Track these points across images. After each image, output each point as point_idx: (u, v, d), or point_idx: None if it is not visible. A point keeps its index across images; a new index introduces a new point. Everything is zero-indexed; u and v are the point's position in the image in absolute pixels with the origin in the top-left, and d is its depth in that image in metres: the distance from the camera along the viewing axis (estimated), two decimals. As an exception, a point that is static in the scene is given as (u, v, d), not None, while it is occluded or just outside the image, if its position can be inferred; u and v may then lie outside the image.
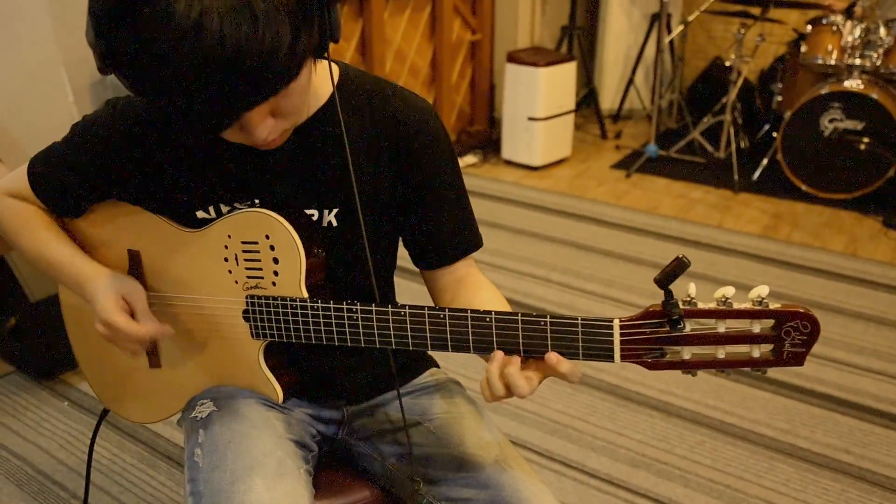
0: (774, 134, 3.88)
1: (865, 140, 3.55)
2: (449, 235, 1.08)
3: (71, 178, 1.04)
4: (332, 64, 0.96)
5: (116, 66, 0.77)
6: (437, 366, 1.24)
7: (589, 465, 1.97)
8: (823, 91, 3.60)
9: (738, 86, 3.92)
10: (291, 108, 0.87)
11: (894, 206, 3.54)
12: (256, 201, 1.01)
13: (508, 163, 4.25)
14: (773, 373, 2.36)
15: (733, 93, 3.90)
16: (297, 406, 1.11)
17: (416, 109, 1.03)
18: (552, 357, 0.86)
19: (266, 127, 0.85)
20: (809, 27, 3.81)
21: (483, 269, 1.12)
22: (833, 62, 3.68)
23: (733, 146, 3.95)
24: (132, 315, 1.01)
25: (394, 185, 1.03)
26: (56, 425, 2.08)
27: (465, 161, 4.26)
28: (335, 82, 0.96)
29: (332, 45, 0.87)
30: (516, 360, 0.88)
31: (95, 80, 3.49)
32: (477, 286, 1.08)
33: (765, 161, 3.93)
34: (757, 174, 3.93)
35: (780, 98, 4.16)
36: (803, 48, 3.81)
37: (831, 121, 3.61)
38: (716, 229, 3.43)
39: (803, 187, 3.74)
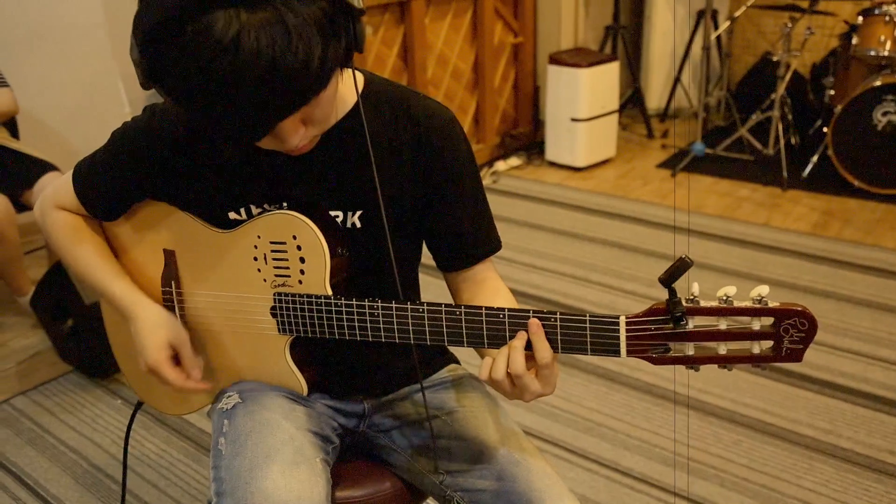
0: (825, 129, 3.79)
1: (921, 133, 3.44)
2: (468, 238, 1.12)
3: (112, 184, 1.11)
4: (357, 73, 1.01)
5: (159, 81, 0.83)
6: (458, 362, 1.27)
7: (623, 463, 1.97)
8: (877, 83, 3.50)
9: (787, 81, 3.84)
10: (321, 116, 0.92)
11: (952, 202, 3.42)
12: (285, 204, 1.06)
13: (552, 164, 4.25)
14: (816, 372, 2.32)
15: (781, 88, 3.82)
16: (320, 399, 1.16)
17: (436, 116, 1.07)
18: (533, 323, 0.91)
19: (297, 134, 0.91)
20: (861, 18, 3.71)
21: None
22: (886, 53, 3.58)
23: (782, 142, 3.87)
24: (176, 356, 1.11)
25: (415, 188, 1.07)
26: (109, 422, 2.19)
27: (509, 163, 4.28)
28: (359, 90, 1.01)
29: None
30: (523, 335, 0.92)
31: (151, 92, 3.63)
32: (494, 290, 1.13)
33: (815, 157, 3.85)
34: (807, 171, 3.84)
35: (832, 92, 4.05)
36: (855, 40, 3.71)
37: (885, 114, 3.51)
38: (762, 227, 3.37)
39: (855, 183, 3.65)
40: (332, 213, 1.07)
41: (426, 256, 1.19)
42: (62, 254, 1.17)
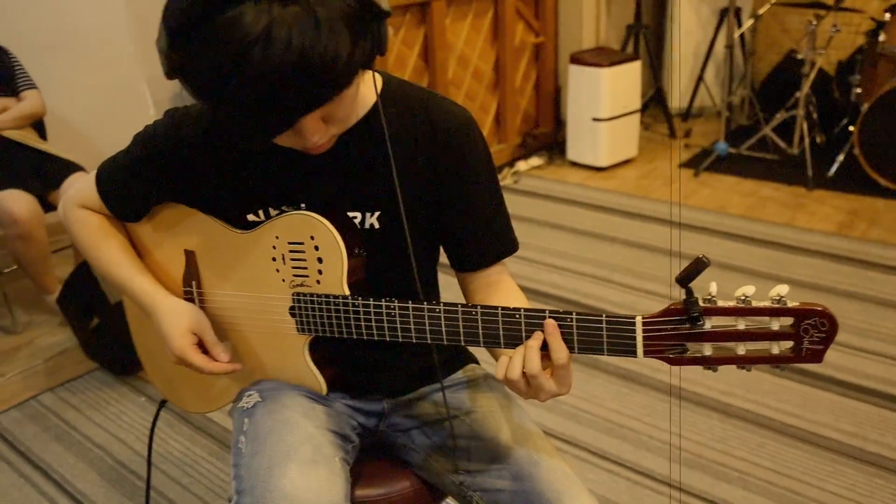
0: (851, 128, 3.74)
1: (950, 132, 3.38)
2: (484, 240, 1.12)
3: (133, 185, 1.13)
4: (376, 74, 1.02)
5: (185, 71, 0.84)
6: (477, 362, 1.28)
7: (644, 465, 1.96)
8: (904, 82, 3.45)
9: (811, 79, 3.79)
10: (342, 115, 0.93)
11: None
12: (303, 205, 1.07)
13: (574, 164, 4.24)
14: (841, 374, 2.29)
15: (806, 86, 3.78)
16: (339, 399, 1.17)
17: (454, 117, 1.08)
18: (549, 323, 0.91)
19: (318, 132, 0.92)
20: (888, 15, 3.65)
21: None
22: (914, 51, 3.52)
23: (807, 141, 3.82)
24: (201, 343, 1.11)
25: (432, 189, 1.08)
26: (134, 419, 2.22)
27: (530, 163, 4.27)
28: (378, 91, 1.02)
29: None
30: (539, 335, 0.92)
31: (175, 94, 3.68)
32: (507, 292, 1.12)
33: (841, 156, 3.79)
34: (833, 170, 3.79)
35: (858, 90, 3.99)
36: (882, 37, 3.66)
37: (913, 112, 3.46)
38: (786, 227, 3.34)
39: (882, 182, 3.59)
40: (351, 214, 1.07)
41: (442, 255, 1.19)
42: (85, 251, 1.19)
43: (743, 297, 0.84)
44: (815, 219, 3.42)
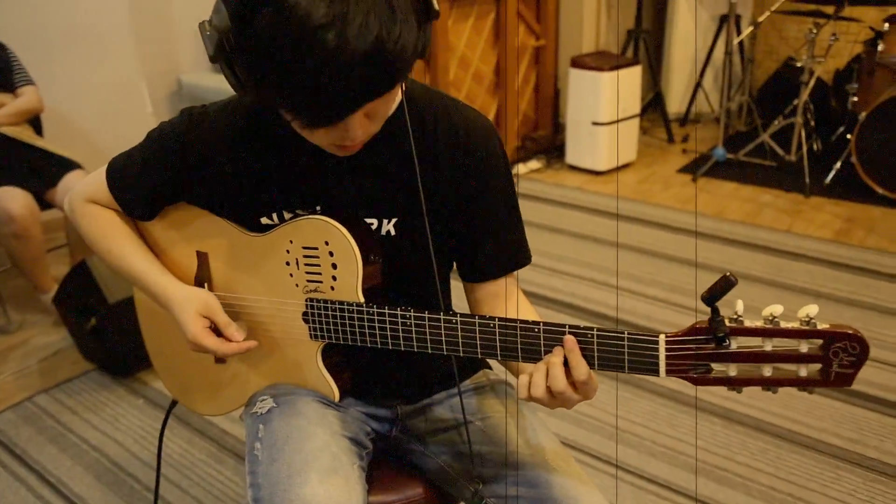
0: (849, 136, 3.75)
1: (946, 141, 3.40)
2: (498, 250, 1.10)
3: (147, 184, 1.11)
4: None
5: (246, 53, 0.80)
6: (490, 367, 1.26)
7: (648, 470, 1.95)
8: (902, 91, 3.47)
9: (810, 87, 3.80)
10: (385, 111, 0.92)
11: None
12: (318, 208, 1.05)
13: (573, 168, 4.23)
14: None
15: (805, 94, 3.79)
16: (353, 405, 1.15)
17: (476, 125, 1.06)
18: (569, 340, 0.89)
19: (363, 127, 0.90)
20: (887, 25, 3.67)
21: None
22: (912, 60, 3.54)
23: (804, 149, 3.83)
24: (214, 326, 1.07)
25: (451, 197, 1.06)
26: (132, 421, 2.19)
27: (529, 166, 4.27)
28: (404, 96, 1.00)
29: None
30: (559, 350, 0.90)
31: (172, 92, 3.66)
32: (510, 303, 1.10)
33: (838, 164, 3.81)
34: (830, 177, 3.81)
35: (855, 98, 4.01)
36: (880, 46, 3.68)
37: (909, 121, 3.47)
38: (785, 234, 3.34)
39: (879, 190, 3.61)
40: (367, 221, 1.06)
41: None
42: (96, 245, 1.16)
43: (771, 318, 0.81)
44: (812, 226, 3.43)
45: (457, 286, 1.18)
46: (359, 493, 0.98)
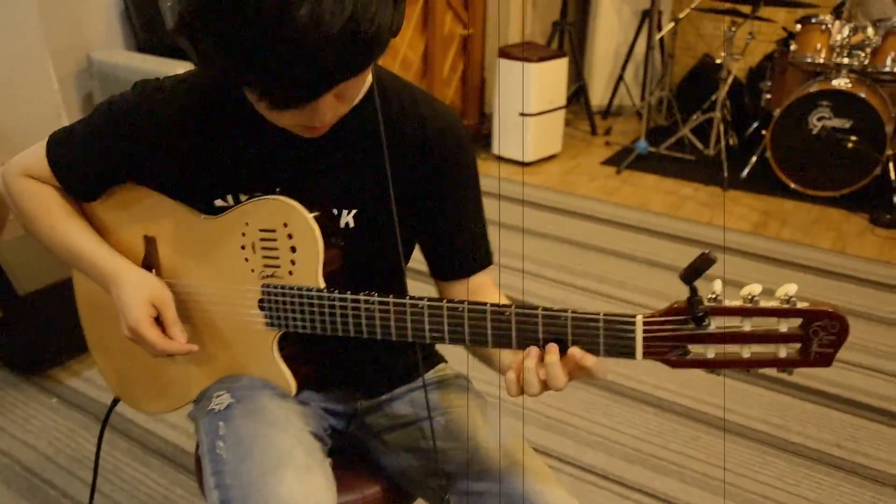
0: (763, 132, 3.90)
1: (853, 138, 3.58)
2: (468, 247, 1.07)
3: (92, 162, 1.02)
4: None
5: (211, 26, 0.73)
6: (445, 361, 1.23)
7: (584, 460, 1.96)
8: (812, 89, 3.63)
9: (728, 83, 3.93)
10: (355, 92, 0.89)
11: (880, 204, 3.57)
12: (277, 190, 0.99)
13: (499, 158, 4.24)
14: (767, 369, 2.37)
15: (723, 90, 3.91)
16: (311, 399, 1.10)
17: (444, 117, 1.03)
18: (576, 352, 0.85)
19: (332, 109, 0.85)
20: (799, 26, 3.83)
21: None
22: (822, 61, 3.71)
23: (723, 143, 3.96)
24: (159, 319, 1.00)
25: (417, 190, 1.02)
26: (44, 422, 2.04)
27: (455, 156, 4.24)
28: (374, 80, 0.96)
29: None
30: (554, 348, 0.86)
31: (81, 69, 3.44)
32: (491, 298, 1.07)
33: (753, 159, 3.95)
34: (746, 171, 3.95)
35: (768, 96, 4.18)
36: (793, 47, 3.83)
37: (819, 119, 3.64)
38: (706, 226, 3.45)
39: (792, 185, 3.77)
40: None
41: (421, 264, 1.13)
42: (35, 223, 1.06)
43: (750, 297, 0.81)
44: (732, 218, 3.55)
45: (417, 286, 1.13)
46: (333, 490, 0.94)
